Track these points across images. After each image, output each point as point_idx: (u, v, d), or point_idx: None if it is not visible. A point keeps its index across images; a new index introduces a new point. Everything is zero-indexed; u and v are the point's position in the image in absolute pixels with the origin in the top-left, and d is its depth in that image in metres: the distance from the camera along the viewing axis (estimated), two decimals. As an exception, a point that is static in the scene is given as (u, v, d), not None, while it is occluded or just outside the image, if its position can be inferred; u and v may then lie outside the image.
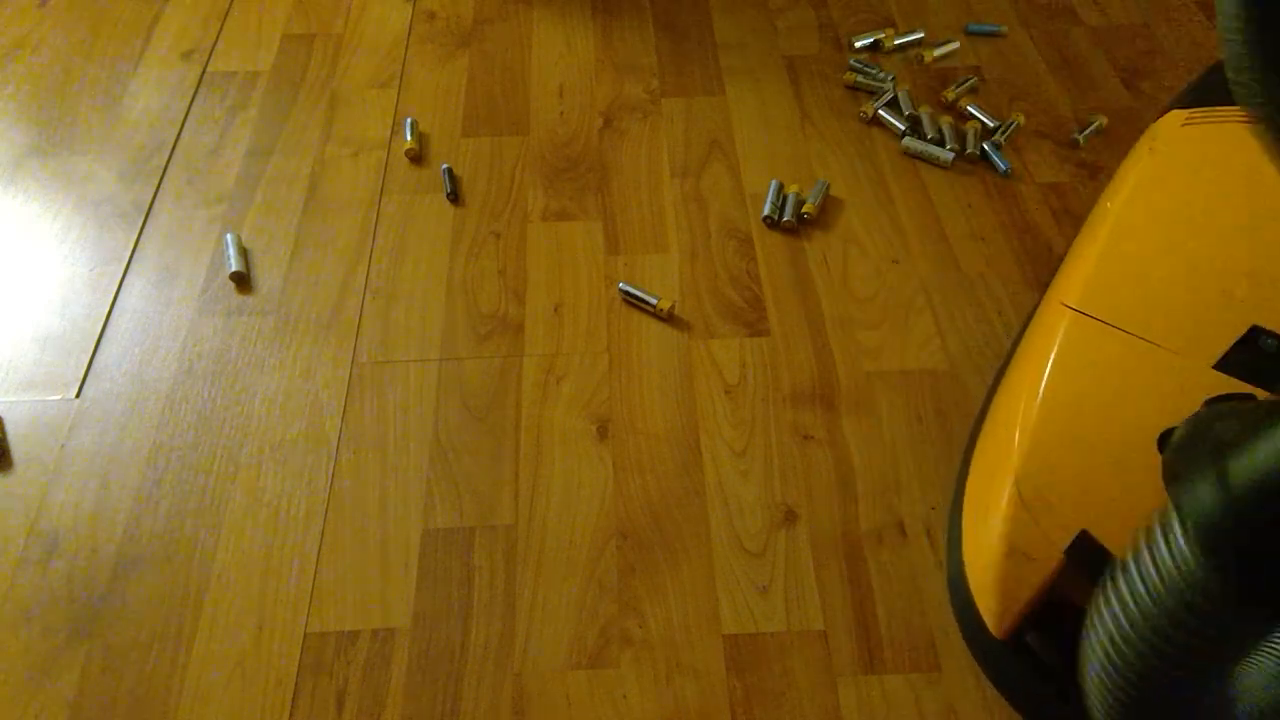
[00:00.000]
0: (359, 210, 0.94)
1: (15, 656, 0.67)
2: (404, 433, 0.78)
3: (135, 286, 0.89)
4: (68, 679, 0.66)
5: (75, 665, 0.66)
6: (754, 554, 0.71)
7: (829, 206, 0.94)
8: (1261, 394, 0.58)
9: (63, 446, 0.78)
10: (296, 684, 0.66)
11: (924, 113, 1.01)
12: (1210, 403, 0.57)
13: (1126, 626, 0.40)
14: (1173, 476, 0.54)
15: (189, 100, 1.06)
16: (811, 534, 0.72)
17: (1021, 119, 1.00)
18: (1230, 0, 0.38)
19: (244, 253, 0.90)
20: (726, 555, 0.71)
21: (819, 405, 0.79)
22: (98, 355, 0.84)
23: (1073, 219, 0.92)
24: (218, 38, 1.13)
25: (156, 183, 0.97)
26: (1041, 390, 0.62)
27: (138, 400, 0.80)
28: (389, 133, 1.02)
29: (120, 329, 0.85)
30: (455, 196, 0.95)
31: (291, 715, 0.64)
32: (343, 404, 0.80)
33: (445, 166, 0.97)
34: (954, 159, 0.97)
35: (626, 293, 0.86)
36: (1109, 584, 0.41)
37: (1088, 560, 0.56)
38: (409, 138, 1.00)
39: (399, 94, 1.06)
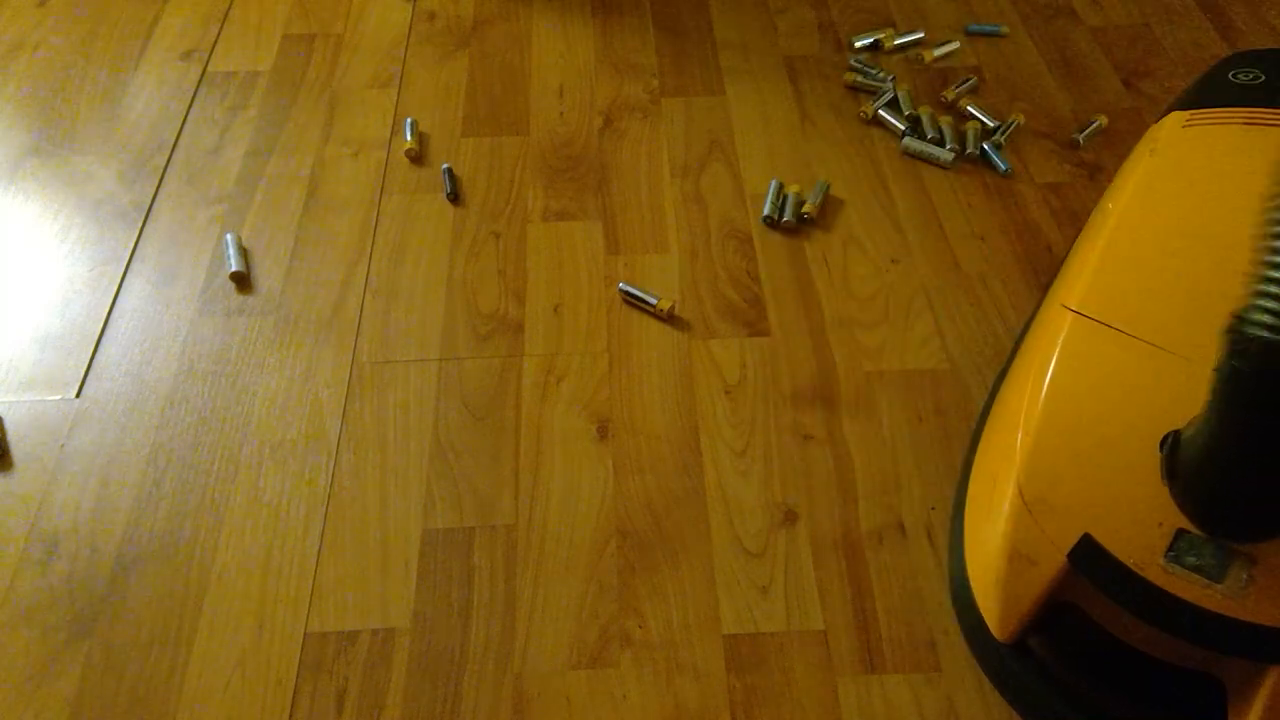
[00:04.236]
0: (359, 210, 0.94)
1: (15, 656, 0.67)
2: (404, 433, 0.78)
3: (135, 286, 0.89)
4: (68, 679, 0.66)
5: (75, 665, 0.66)
6: (754, 554, 0.71)
7: (829, 206, 0.94)
8: None
9: (63, 446, 0.78)
10: (296, 684, 0.66)
11: (924, 113, 1.01)
12: None
13: None
14: (1172, 476, 0.54)
15: (189, 100, 1.06)
16: (811, 534, 0.72)
17: (1021, 119, 1.00)
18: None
19: (244, 253, 0.90)
20: (726, 555, 0.71)
21: (819, 405, 0.79)
22: (98, 355, 0.84)
23: (1073, 219, 0.92)
24: (218, 38, 1.13)
25: (156, 183, 0.97)
26: (1043, 393, 0.62)
27: (138, 400, 0.80)
28: (389, 133, 1.02)
29: (120, 329, 0.85)
30: (455, 196, 0.95)
31: (291, 715, 0.64)
32: (343, 404, 0.80)
33: (445, 166, 0.97)
34: (954, 159, 0.97)
35: (626, 293, 0.86)
36: None
37: (1090, 563, 0.56)
38: (409, 138, 0.99)
39: (399, 94, 1.06)
